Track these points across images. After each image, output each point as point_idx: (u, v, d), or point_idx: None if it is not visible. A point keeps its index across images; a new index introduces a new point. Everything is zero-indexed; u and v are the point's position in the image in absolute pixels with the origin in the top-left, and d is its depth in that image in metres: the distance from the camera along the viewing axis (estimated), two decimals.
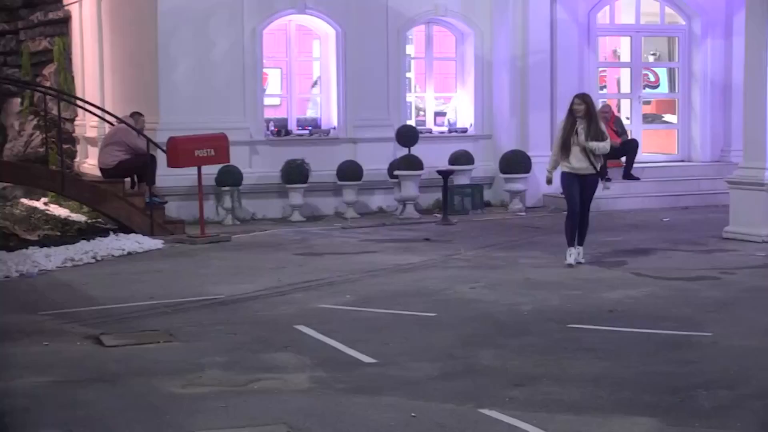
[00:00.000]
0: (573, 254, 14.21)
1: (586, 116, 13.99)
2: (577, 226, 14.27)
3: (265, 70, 21.18)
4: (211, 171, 18.41)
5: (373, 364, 9.31)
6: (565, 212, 14.70)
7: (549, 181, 14.69)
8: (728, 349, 9.61)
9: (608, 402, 8.08)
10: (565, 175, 14.19)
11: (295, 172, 19.65)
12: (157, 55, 19.61)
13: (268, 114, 21.44)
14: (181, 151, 17.01)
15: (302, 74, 22.77)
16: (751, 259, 14.79)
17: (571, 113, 14.11)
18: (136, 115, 18.64)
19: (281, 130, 20.79)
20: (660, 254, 15.40)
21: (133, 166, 18.23)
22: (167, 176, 18.37)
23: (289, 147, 20.22)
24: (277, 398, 8.24)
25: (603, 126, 14.30)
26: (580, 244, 14.39)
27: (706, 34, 22.87)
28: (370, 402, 8.14)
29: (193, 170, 17.31)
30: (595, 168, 14.11)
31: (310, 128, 21.29)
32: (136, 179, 18.47)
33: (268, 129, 20.61)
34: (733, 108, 22.08)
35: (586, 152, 13.98)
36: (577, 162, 14.03)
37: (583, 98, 14.21)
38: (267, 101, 21.64)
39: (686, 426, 7.47)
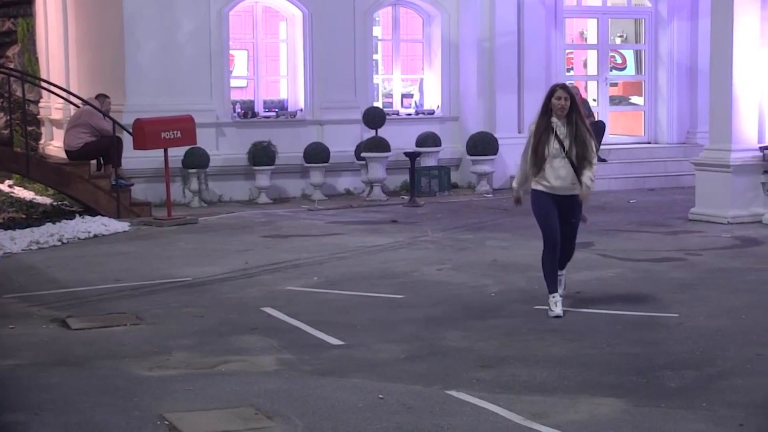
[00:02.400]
0: (558, 302, 10.36)
1: (567, 115, 10.20)
2: (557, 264, 10.48)
3: (231, 51, 21.13)
4: (177, 153, 18.37)
5: (340, 346, 9.32)
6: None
7: (518, 201, 10.73)
8: (694, 330, 9.68)
9: (575, 383, 8.12)
10: (538, 196, 10.35)
11: (262, 154, 19.63)
12: (123, 37, 19.53)
13: (235, 96, 21.41)
14: (147, 133, 16.95)
15: (269, 56, 22.70)
16: (717, 240, 14.88)
17: (548, 110, 10.25)
18: (101, 96, 18.53)
19: (248, 112, 20.75)
20: (626, 236, 15.46)
21: (98, 149, 18.14)
22: (133, 158, 18.31)
23: (255, 129, 20.19)
24: (244, 380, 8.24)
25: (589, 128, 10.50)
26: (561, 267, 10.65)
27: (672, 16, 22.95)
28: (338, 384, 8.15)
29: (160, 152, 17.25)
30: (580, 185, 10.28)
31: (276, 110, 21.24)
32: (102, 161, 18.39)
33: (234, 111, 20.57)
34: (699, 90, 22.19)
35: (571, 163, 10.18)
36: (556, 178, 10.21)
37: (567, 90, 10.31)
38: (234, 83, 21.61)
39: (652, 406, 7.52)
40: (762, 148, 16.49)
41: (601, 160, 21.32)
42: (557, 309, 10.27)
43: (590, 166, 10.26)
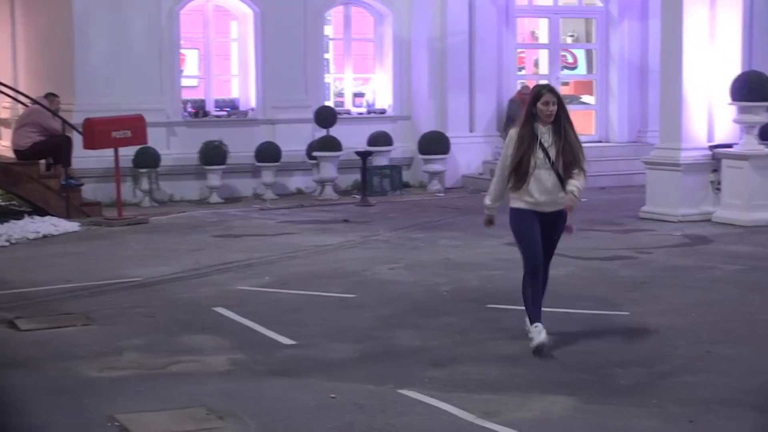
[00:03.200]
0: (542, 331, 8.95)
1: (555, 122, 8.95)
2: (540, 289, 9.22)
3: (182, 51, 21.02)
4: (128, 152, 18.25)
5: (292, 346, 9.30)
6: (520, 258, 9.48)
7: (490, 222, 9.39)
8: (644, 328, 9.73)
9: (526, 381, 8.15)
10: (520, 215, 9.02)
11: (213, 154, 19.56)
12: (73, 35, 19.39)
13: (186, 95, 21.30)
14: (97, 133, 16.84)
15: (220, 55, 22.62)
16: (667, 238, 14.98)
17: (532, 116, 8.96)
18: (50, 95, 18.39)
19: (199, 111, 20.67)
20: (577, 234, 15.43)
21: (48, 148, 17.98)
22: (83, 158, 18.16)
23: (206, 128, 20.11)
24: (195, 380, 8.21)
25: (578, 135, 9.24)
26: (538, 311, 9.19)
27: (623, 16, 23.07)
28: (290, 384, 8.13)
29: (110, 152, 17.13)
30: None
31: (228, 109, 21.18)
32: (51, 161, 18.24)
33: (185, 110, 20.48)
34: (649, 89, 22.31)
35: (558, 177, 8.91)
36: (542, 193, 8.90)
37: (556, 93, 9.06)
38: (184, 82, 21.50)
39: (603, 404, 7.56)
40: (711, 147, 16.63)
41: None
42: (541, 336, 8.90)
43: (580, 172, 9.01)
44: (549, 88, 9.16)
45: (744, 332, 9.66)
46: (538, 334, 8.92)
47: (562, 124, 8.93)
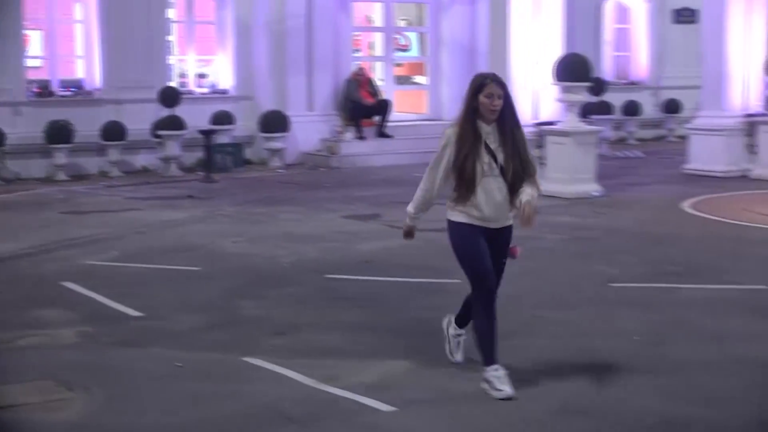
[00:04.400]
0: (504, 376, 7.03)
1: (500, 118, 7.07)
2: (495, 318, 7.20)
3: (26, 31, 20.47)
4: None
5: (139, 318, 9.17)
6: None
7: (409, 234, 7.67)
8: None
9: (366, 347, 8.18)
10: (463, 231, 7.22)
11: (59, 133, 19.11)
12: None
13: (31, 75, 20.76)
14: None
15: (65, 36, 22.08)
16: None
17: (472, 113, 7.15)
18: None
19: (44, 91, 20.18)
20: None
21: None
22: None
23: (52, 108, 19.62)
24: (44, 354, 8.03)
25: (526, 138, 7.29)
26: (463, 324, 7.69)
27: (453, 0, 23.25)
28: (137, 354, 8.02)
29: None
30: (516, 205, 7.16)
31: (73, 89, 20.73)
32: None
33: (30, 90, 19.97)
34: (478, 70, 22.41)
35: (507, 185, 7.11)
36: (491, 207, 7.11)
37: (503, 85, 7.12)
38: (29, 62, 20.94)
39: (438, 366, 7.63)
40: (536, 125, 16.90)
41: (387, 136, 21.63)
42: (505, 388, 6.96)
43: (533, 181, 7.25)
44: (494, 77, 7.13)
45: (569, 297, 9.85)
46: (500, 381, 6.99)
47: (508, 122, 7.07)
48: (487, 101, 6.99)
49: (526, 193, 7.10)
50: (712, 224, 14.01)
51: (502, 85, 7.03)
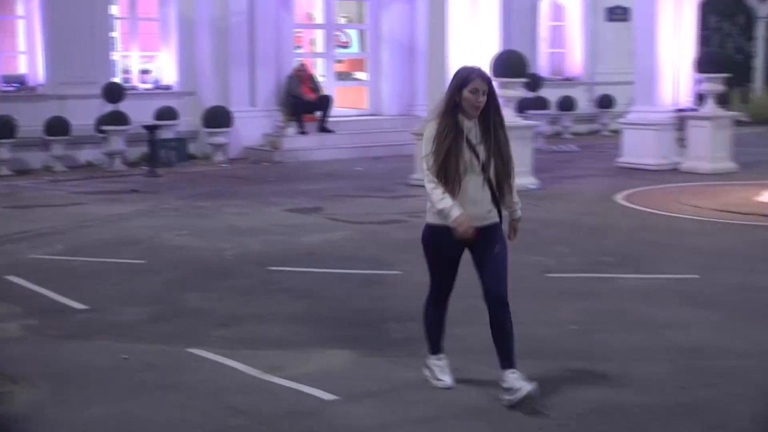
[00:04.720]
0: (446, 366, 7.09)
1: (482, 114, 6.62)
2: (444, 319, 7.17)
3: None
4: None
5: (84, 311, 9.12)
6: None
7: (470, 229, 6.68)
8: (415, 285, 9.81)
9: (309, 337, 8.20)
10: (437, 233, 6.80)
11: (2, 128, 18.91)
12: None
13: None
14: None
15: (7, 32, 21.85)
16: None
17: (454, 108, 6.62)
18: None
19: None
20: (353, 200, 15.67)
21: None
22: None
23: None
24: None
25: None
26: (509, 359, 6.78)
27: None
28: (82, 347, 7.98)
29: None
30: (499, 210, 6.87)
31: (16, 85, 20.52)
32: None
33: None
34: (417, 66, 22.63)
35: (489, 183, 6.68)
36: (471, 205, 6.65)
37: (488, 81, 6.66)
38: None
39: (379, 356, 7.68)
40: None
41: (328, 131, 21.64)
42: (446, 378, 7.01)
43: (513, 187, 6.86)
44: (480, 73, 6.67)
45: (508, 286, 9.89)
46: (441, 371, 7.00)
47: (491, 118, 6.65)
48: (471, 97, 6.56)
49: (517, 210, 7.03)
50: (644, 216, 14.17)
51: (487, 81, 6.64)
